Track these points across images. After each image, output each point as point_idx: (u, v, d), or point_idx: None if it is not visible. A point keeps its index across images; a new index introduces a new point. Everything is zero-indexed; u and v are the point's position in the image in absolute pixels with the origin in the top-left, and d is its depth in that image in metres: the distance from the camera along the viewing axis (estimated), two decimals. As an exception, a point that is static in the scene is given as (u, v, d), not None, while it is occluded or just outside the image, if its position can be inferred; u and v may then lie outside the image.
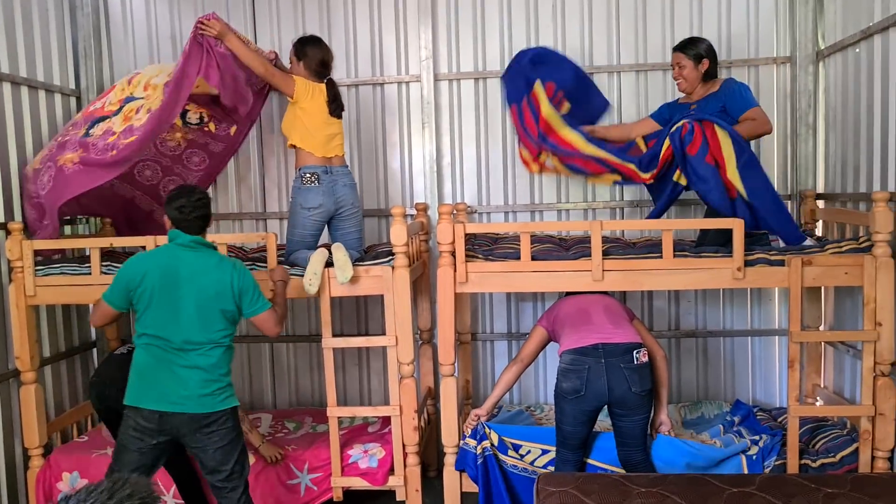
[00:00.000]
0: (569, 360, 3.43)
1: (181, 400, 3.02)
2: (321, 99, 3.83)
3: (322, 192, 3.79)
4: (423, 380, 4.56)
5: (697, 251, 3.58)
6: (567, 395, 3.40)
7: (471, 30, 4.73)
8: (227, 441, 3.12)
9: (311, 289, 3.59)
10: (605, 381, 3.35)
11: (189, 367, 3.04)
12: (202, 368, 3.06)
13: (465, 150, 4.80)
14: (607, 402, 3.41)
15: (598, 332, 3.50)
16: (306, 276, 3.60)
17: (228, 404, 3.13)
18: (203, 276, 3.08)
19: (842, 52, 4.11)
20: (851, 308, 4.00)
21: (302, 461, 3.89)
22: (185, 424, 3.04)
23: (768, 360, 4.74)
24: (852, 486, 2.80)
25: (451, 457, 3.75)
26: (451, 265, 3.61)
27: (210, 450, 3.10)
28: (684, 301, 4.75)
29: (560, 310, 3.72)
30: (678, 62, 3.90)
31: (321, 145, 3.82)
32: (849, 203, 4.06)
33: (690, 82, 3.88)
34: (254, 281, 3.21)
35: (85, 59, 4.81)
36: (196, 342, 3.06)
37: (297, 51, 3.89)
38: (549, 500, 2.78)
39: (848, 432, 3.77)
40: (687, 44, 3.89)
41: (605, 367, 3.37)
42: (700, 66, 3.84)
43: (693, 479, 2.94)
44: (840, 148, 4.16)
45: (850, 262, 3.45)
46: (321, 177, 3.79)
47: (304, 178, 3.79)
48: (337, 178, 3.84)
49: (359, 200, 4.04)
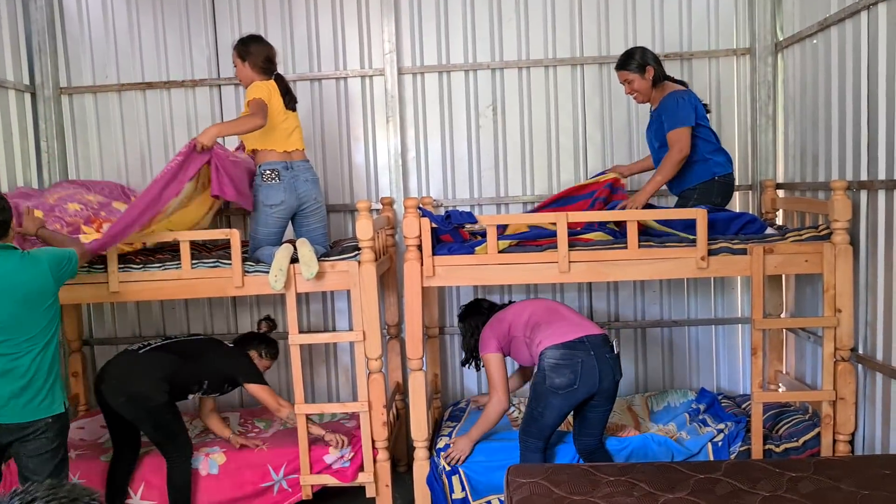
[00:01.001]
0: (558, 355, 3.43)
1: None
2: (276, 92, 3.77)
3: (283, 189, 3.75)
4: (391, 375, 4.55)
5: (662, 241, 3.61)
6: (559, 390, 3.40)
7: (434, 23, 4.71)
8: (46, 451, 2.97)
9: (276, 285, 3.56)
10: (597, 374, 3.40)
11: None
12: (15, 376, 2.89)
13: (430, 144, 4.79)
14: (594, 393, 3.43)
15: (576, 326, 3.52)
16: (272, 273, 3.56)
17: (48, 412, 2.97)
18: (11, 278, 2.88)
19: (800, 44, 4.17)
20: (812, 295, 4.07)
21: (280, 463, 3.85)
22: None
23: (732, 349, 4.82)
24: (815, 470, 2.87)
25: (421, 451, 3.75)
26: (417, 259, 3.60)
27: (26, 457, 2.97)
28: (649, 291, 4.80)
29: (511, 322, 3.66)
30: (625, 79, 3.94)
31: (281, 140, 3.77)
32: (808, 192, 4.13)
33: (644, 93, 3.94)
34: (53, 251, 3.08)
35: (39, 55, 4.69)
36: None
37: (241, 52, 3.79)
38: (519, 492, 2.79)
39: (810, 417, 3.85)
40: (626, 60, 3.92)
41: (595, 358, 3.41)
42: (646, 74, 3.88)
43: (660, 467, 2.98)
44: (799, 138, 4.23)
45: (810, 250, 3.52)
46: (282, 173, 3.75)
47: (264, 175, 3.75)
48: (298, 173, 3.80)
49: (322, 195, 4.00)
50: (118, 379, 3.63)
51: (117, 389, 3.60)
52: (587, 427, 3.56)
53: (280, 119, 3.76)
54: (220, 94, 4.80)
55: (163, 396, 3.61)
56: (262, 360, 3.96)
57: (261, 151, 3.78)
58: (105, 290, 3.70)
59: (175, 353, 3.76)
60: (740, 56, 4.63)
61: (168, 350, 3.78)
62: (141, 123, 4.84)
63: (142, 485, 3.83)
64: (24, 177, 4.51)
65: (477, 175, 4.78)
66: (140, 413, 3.62)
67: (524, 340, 3.60)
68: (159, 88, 4.81)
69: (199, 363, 3.77)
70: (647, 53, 3.91)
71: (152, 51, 4.80)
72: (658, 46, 4.60)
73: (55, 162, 4.75)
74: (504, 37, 4.69)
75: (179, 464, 3.72)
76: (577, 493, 2.75)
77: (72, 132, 4.85)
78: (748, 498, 2.68)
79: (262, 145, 3.76)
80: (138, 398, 3.59)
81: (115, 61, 4.82)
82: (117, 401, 3.61)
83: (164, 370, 3.65)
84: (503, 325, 3.68)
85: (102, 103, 4.84)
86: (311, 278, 3.58)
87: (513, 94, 4.72)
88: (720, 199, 3.88)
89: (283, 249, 3.63)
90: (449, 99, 4.76)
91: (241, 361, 3.85)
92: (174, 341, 3.92)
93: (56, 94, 4.77)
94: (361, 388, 3.73)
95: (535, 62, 4.68)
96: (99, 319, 4.98)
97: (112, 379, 3.64)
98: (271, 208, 3.75)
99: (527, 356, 3.63)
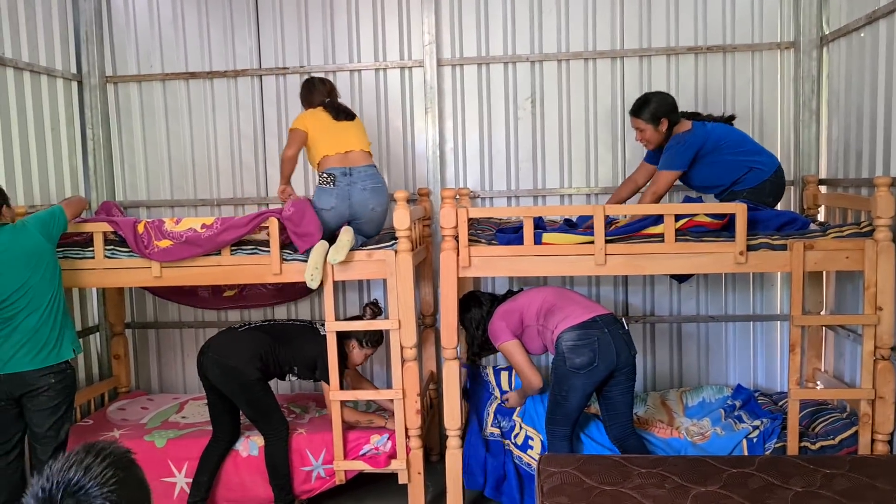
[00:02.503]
0: (574, 336, 3.47)
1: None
2: (322, 112, 3.94)
3: (336, 195, 3.80)
4: (425, 364, 4.59)
5: (699, 236, 3.58)
6: (580, 370, 3.44)
7: (474, 14, 4.72)
8: (49, 406, 3.37)
9: (312, 283, 3.61)
10: (614, 348, 3.45)
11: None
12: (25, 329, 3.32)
13: (468, 136, 4.80)
14: (613, 370, 3.48)
15: (587, 308, 3.59)
16: (307, 272, 3.62)
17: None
18: (11, 248, 3.29)
19: (846, 37, 4.10)
20: (852, 292, 4.01)
21: (318, 449, 3.92)
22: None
23: (770, 345, 4.76)
24: (850, 467, 2.83)
25: (453, 439, 3.77)
26: (454, 249, 3.62)
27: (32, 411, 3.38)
28: (686, 286, 4.76)
29: (522, 311, 3.69)
30: (637, 126, 3.95)
31: (333, 143, 3.84)
32: (851, 188, 4.06)
33: (655, 143, 3.94)
34: (37, 214, 3.51)
35: (87, 44, 4.81)
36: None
37: (303, 98, 4.10)
38: (550, 480, 2.80)
39: (847, 416, 3.80)
40: (640, 107, 3.90)
41: (610, 335, 3.47)
42: (660, 126, 3.88)
43: (693, 461, 2.97)
44: (843, 133, 4.16)
45: (851, 247, 3.46)
46: (338, 179, 3.80)
47: (321, 179, 3.84)
48: (356, 180, 3.83)
49: (385, 202, 3.97)
50: (216, 353, 3.82)
51: (214, 362, 3.78)
52: (614, 411, 3.58)
53: (330, 125, 3.88)
54: (262, 84, 4.88)
55: (254, 373, 3.76)
56: (362, 348, 3.95)
57: (321, 160, 3.87)
58: (148, 275, 3.80)
59: (269, 334, 3.92)
60: (784, 50, 4.57)
61: (264, 331, 3.94)
62: (184, 112, 4.94)
63: (185, 463, 3.93)
64: (69, 164, 4.63)
65: (514, 167, 4.78)
66: (234, 387, 3.77)
67: (537, 328, 3.64)
68: (202, 78, 4.89)
69: (288, 347, 3.89)
70: (663, 103, 3.88)
71: (196, 41, 4.89)
72: (700, 39, 4.57)
73: (100, 150, 4.87)
74: (544, 29, 4.68)
75: (275, 442, 3.84)
76: (608, 483, 2.76)
77: (116, 120, 4.97)
78: (781, 493, 2.66)
79: (316, 155, 3.88)
80: (231, 372, 3.75)
81: (159, 51, 4.91)
82: (214, 373, 3.78)
83: (257, 349, 3.81)
84: (514, 315, 3.70)
85: (147, 92, 4.95)
86: (334, 263, 3.65)
87: (552, 87, 4.71)
88: (771, 199, 3.88)
89: (319, 247, 3.67)
90: (488, 91, 4.77)
91: (324, 354, 3.81)
92: (271, 323, 4.06)
93: (102, 82, 4.88)
94: (396, 376, 3.77)
95: (575, 55, 4.66)
96: (140, 304, 5.10)
97: (210, 352, 3.83)
98: (322, 211, 3.81)
99: (539, 345, 3.67)
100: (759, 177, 3.85)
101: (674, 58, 4.63)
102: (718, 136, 3.86)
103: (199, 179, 4.97)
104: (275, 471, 3.85)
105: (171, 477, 3.94)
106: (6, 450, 3.39)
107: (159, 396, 4.83)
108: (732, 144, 3.87)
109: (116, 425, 4.19)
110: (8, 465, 3.41)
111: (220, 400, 3.84)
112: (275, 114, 4.88)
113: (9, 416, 3.38)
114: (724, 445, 3.67)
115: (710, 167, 3.87)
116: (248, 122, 4.91)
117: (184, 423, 4.24)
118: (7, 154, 4.07)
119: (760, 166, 3.85)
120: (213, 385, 3.80)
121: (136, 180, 5.00)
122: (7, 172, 4.05)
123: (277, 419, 3.86)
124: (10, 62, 4.09)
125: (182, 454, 3.95)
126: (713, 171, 3.88)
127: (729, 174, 3.85)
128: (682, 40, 4.61)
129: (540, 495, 2.77)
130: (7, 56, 4.08)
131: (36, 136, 4.28)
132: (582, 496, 2.69)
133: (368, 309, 4.03)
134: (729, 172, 3.85)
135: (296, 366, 3.91)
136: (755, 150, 3.92)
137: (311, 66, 4.80)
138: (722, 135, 3.88)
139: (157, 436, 4.04)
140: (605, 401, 3.60)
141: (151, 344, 5.15)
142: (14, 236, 3.33)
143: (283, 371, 3.93)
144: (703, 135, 3.85)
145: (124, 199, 4.98)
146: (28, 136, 4.24)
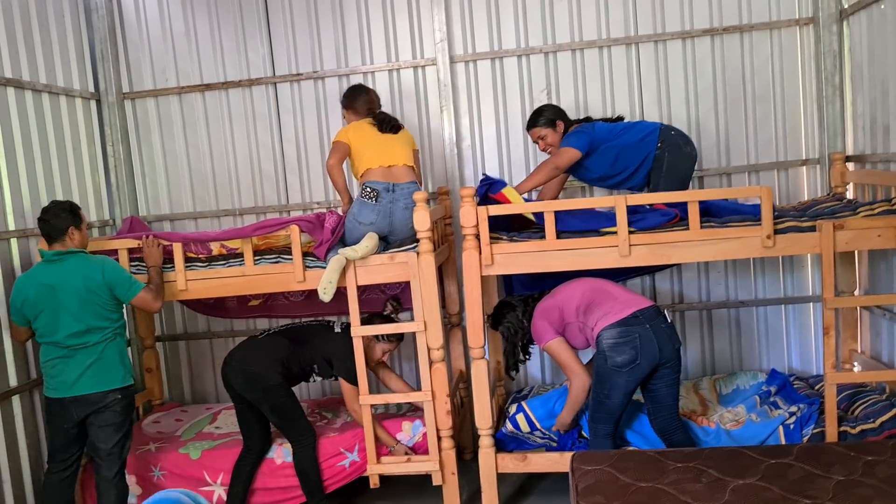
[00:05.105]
0: (615, 333, 3.43)
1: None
2: (367, 124, 3.90)
3: (377, 212, 3.76)
4: (454, 363, 4.57)
5: (723, 221, 3.52)
6: (622, 368, 3.40)
7: (485, 9, 4.68)
8: (113, 422, 3.52)
9: (325, 296, 3.61)
10: (656, 344, 3.40)
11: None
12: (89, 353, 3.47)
13: (485, 131, 4.77)
14: (657, 365, 3.43)
15: (627, 303, 3.51)
16: (321, 285, 3.61)
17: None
18: (76, 275, 3.45)
19: (866, 10, 4.00)
20: (886, 271, 3.92)
21: (352, 444, 3.95)
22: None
23: (803, 328, 4.68)
24: (893, 453, 2.77)
25: (485, 439, 3.75)
26: (475, 248, 3.59)
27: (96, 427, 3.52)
28: (714, 272, 4.69)
29: (562, 308, 3.64)
30: (538, 136, 4.06)
31: (376, 155, 3.80)
32: (879, 164, 3.97)
33: (556, 146, 4.00)
34: (119, 269, 3.59)
35: (102, 62, 4.85)
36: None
37: (345, 104, 4.11)
38: (584, 479, 2.77)
39: (887, 397, 3.72)
40: (536, 117, 4.03)
41: (651, 330, 3.41)
42: (557, 128, 4.01)
43: (729, 452, 2.92)
44: (868, 108, 4.06)
45: (882, 225, 3.38)
46: (381, 195, 3.76)
47: (363, 192, 3.79)
48: (399, 197, 3.78)
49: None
50: (239, 360, 3.87)
51: (237, 370, 3.83)
52: (659, 403, 3.53)
53: (374, 137, 3.85)
54: (276, 91, 4.88)
55: (276, 377, 3.79)
56: (380, 343, 3.95)
57: (364, 172, 3.83)
58: (174, 289, 3.84)
59: (288, 337, 3.95)
60: (803, 26, 4.47)
61: (282, 335, 3.97)
62: (201, 124, 4.96)
63: (220, 475, 3.96)
64: (92, 181, 4.67)
65: (533, 161, 4.73)
66: (257, 393, 3.80)
67: (578, 325, 3.59)
68: (217, 89, 4.91)
69: (307, 347, 3.92)
70: (555, 109, 4.06)
71: (209, 52, 4.91)
72: (716, 20, 4.50)
73: (122, 165, 4.91)
74: (556, 19, 4.63)
75: (302, 448, 3.86)
76: (643, 479, 2.72)
77: (136, 135, 5.00)
78: (821, 483, 2.60)
79: (360, 167, 3.85)
80: (254, 378, 3.79)
81: (174, 65, 4.94)
82: (237, 381, 3.82)
83: (278, 353, 3.84)
84: (554, 312, 3.65)
85: (164, 106, 4.98)
86: (354, 258, 3.66)
87: (567, 78, 4.66)
88: (686, 166, 3.91)
89: (336, 262, 3.64)
90: (502, 85, 4.73)
91: (338, 350, 3.86)
92: (290, 327, 4.09)
93: (119, 99, 4.92)
94: (424, 377, 3.76)
95: (589, 43, 4.60)
96: (169, 316, 5.14)
97: (233, 361, 3.88)
98: (360, 224, 3.78)
99: (582, 340, 3.62)
100: (650, 149, 3.86)
101: (689, 41, 4.55)
102: (608, 128, 3.97)
103: (221, 190, 4.99)
104: (305, 477, 3.87)
105: (207, 486, 3.97)
106: (64, 466, 3.58)
107: (193, 407, 4.86)
108: (620, 131, 3.96)
109: (152, 438, 4.22)
110: (62, 480, 3.58)
111: (248, 409, 3.86)
112: (291, 121, 4.88)
113: (71, 436, 3.54)
114: (758, 432, 3.60)
115: (605, 154, 3.92)
116: (265, 131, 4.92)
117: (217, 434, 4.27)
118: (31, 175, 4.10)
119: (649, 136, 3.89)
120: (239, 394, 3.83)
121: (159, 194, 5.03)
122: (32, 193, 4.09)
123: (303, 425, 3.87)
124: (29, 84, 4.13)
125: (217, 465, 3.98)
126: (610, 157, 3.92)
127: (627, 158, 3.90)
128: (697, 23, 4.53)
129: (574, 495, 2.74)
130: (25, 79, 4.11)
131: (58, 155, 4.32)
132: (618, 494, 2.65)
133: (389, 304, 4.02)
134: (627, 155, 3.90)
135: (315, 364, 3.93)
136: (640, 127, 3.98)
137: (324, 71, 4.80)
138: (609, 126, 3.99)
139: (192, 447, 4.07)
140: (649, 393, 3.55)
141: (182, 356, 5.20)
142: (82, 268, 3.47)
143: (306, 372, 3.95)
144: (594, 127, 3.96)
145: (147, 214, 5.01)
146: (50, 156, 4.28)
